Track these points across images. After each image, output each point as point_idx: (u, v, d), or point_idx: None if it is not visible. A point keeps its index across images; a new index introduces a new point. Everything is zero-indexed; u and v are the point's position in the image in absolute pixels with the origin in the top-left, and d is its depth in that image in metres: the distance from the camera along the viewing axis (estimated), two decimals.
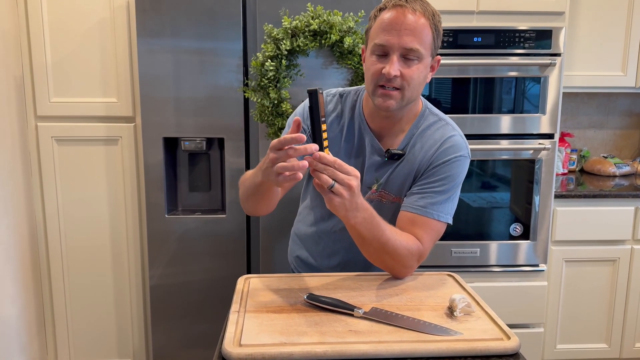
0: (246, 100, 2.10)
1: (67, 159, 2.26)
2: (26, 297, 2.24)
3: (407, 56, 1.19)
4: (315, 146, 1.01)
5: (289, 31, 1.94)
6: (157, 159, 2.12)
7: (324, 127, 1.03)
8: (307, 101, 1.39)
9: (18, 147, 2.18)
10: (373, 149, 1.33)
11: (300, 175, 1.02)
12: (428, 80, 1.28)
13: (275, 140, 1.02)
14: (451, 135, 1.30)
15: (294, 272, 1.54)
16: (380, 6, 1.23)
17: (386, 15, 1.19)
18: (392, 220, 1.30)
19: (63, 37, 2.17)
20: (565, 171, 2.84)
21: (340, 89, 1.40)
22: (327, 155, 1.02)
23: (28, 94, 2.21)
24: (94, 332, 2.40)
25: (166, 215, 2.15)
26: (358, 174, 1.05)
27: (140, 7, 2.01)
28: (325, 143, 1.04)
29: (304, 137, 1.00)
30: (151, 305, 2.21)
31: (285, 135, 1.03)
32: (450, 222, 1.29)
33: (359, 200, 1.08)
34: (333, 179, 1.02)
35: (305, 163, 1.01)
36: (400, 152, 1.30)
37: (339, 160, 1.03)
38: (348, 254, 1.41)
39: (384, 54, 1.20)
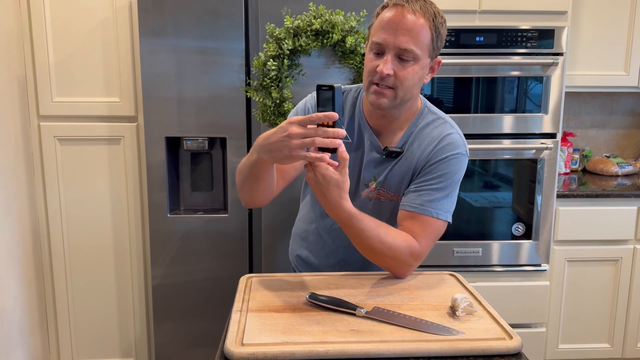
0: (248, 100, 2.10)
1: (70, 159, 2.26)
2: (29, 296, 2.24)
3: (402, 56, 1.19)
4: (342, 131, 1.01)
5: (291, 31, 1.94)
6: (160, 159, 2.12)
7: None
8: (308, 97, 1.39)
9: (21, 147, 2.18)
10: (372, 146, 1.33)
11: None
12: (426, 81, 1.28)
13: (300, 117, 1.02)
14: (449, 133, 1.30)
15: (295, 272, 1.55)
16: (384, 4, 1.23)
17: (386, 14, 1.20)
18: (391, 218, 1.30)
19: (66, 36, 2.17)
20: (568, 171, 2.83)
21: (342, 87, 1.41)
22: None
23: (31, 93, 2.22)
24: (96, 331, 2.40)
25: (168, 215, 2.16)
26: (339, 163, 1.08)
27: (142, 7, 2.01)
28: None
29: (336, 115, 1.00)
30: (153, 304, 2.22)
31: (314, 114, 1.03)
32: (450, 220, 1.29)
33: (342, 201, 1.11)
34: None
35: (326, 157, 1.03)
36: (399, 150, 1.31)
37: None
38: (347, 252, 1.41)
39: (380, 52, 1.20)
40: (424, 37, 1.19)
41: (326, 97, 1.02)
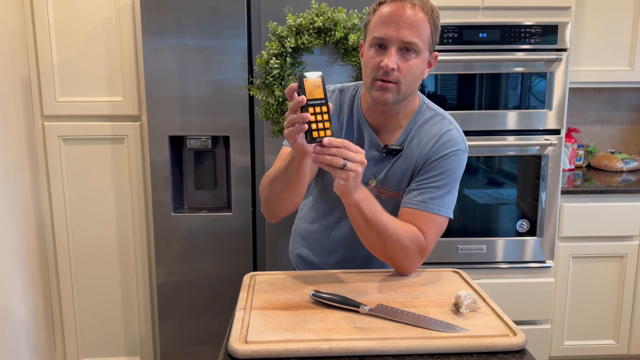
0: (251, 98, 2.10)
1: (74, 158, 2.27)
2: (34, 295, 2.25)
3: (405, 50, 1.19)
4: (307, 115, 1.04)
5: (294, 29, 1.94)
6: (163, 158, 2.13)
7: (324, 108, 1.06)
8: None
9: (25, 147, 2.19)
10: (371, 144, 1.33)
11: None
12: (425, 76, 1.28)
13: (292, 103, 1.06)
14: (448, 130, 1.30)
15: (295, 270, 1.55)
16: (380, 0, 1.24)
17: (385, 9, 1.20)
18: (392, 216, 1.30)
19: (69, 36, 2.18)
20: (572, 167, 2.82)
21: (340, 85, 1.41)
22: (335, 139, 1.07)
23: (34, 93, 2.23)
24: (101, 329, 2.41)
25: (172, 214, 2.16)
26: (363, 150, 1.11)
27: (145, 6, 2.02)
28: (327, 125, 1.07)
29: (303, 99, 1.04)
30: (158, 302, 2.23)
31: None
32: (451, 216, 1.29)
33: (359, 179, 1.14)
34: (345, 159, 1.06)
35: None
36: (398, 147, 1.31)
37: (346, 141, 1.08)
38: (348, 251, 1.41)
39: (382, 47, 1.21)
40: (425, 31, 1.20)
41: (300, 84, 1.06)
